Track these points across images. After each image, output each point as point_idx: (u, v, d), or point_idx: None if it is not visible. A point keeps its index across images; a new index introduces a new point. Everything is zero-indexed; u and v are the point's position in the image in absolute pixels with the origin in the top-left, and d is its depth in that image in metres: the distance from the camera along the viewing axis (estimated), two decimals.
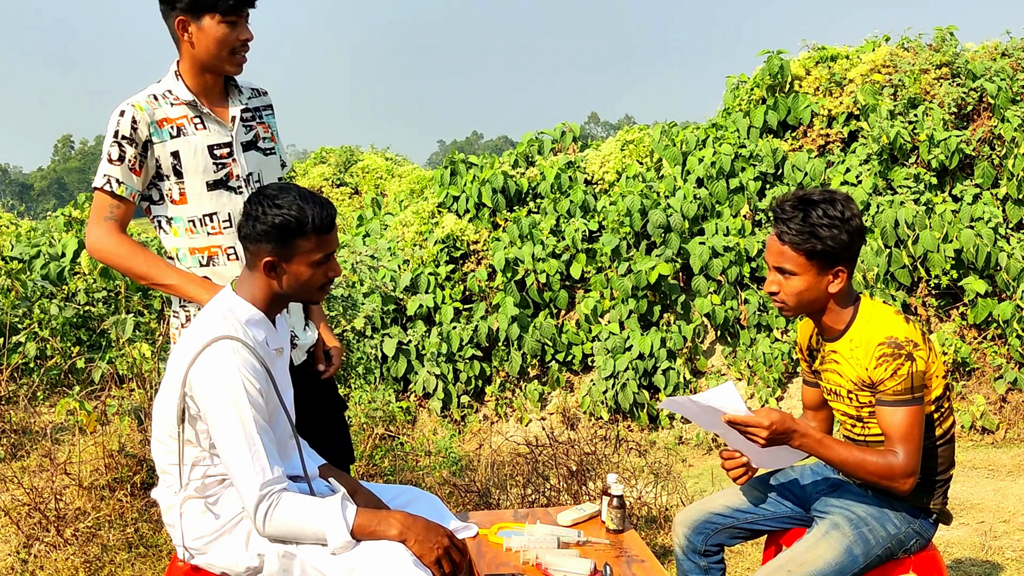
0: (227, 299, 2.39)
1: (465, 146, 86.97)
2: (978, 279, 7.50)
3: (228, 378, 2.23)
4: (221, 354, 2.25)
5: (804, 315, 2.60)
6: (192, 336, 2.32)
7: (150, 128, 2.73)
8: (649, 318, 8.30)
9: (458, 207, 9.31)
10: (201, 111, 2.81)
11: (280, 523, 2.21)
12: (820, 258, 2.47)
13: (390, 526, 2.26)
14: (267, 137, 2.97)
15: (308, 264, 2.36)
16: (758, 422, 2.43)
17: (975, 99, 7.95)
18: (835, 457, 2.45)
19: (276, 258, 2.34)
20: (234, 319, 2.34)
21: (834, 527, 2.52)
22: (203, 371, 2.24)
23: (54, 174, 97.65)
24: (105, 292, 5.19)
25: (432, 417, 8.66)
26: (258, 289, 2.39)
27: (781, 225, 2.50)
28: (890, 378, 2.41)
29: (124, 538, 3.74)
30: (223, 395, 2.23)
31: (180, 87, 2.81)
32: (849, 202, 2.50)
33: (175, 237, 2.83)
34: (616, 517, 2.89)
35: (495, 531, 2.82)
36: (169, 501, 2.38)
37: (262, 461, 2.22)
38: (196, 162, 2.77)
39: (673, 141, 8.89)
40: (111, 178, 2.73)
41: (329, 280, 2.45)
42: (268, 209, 2.32)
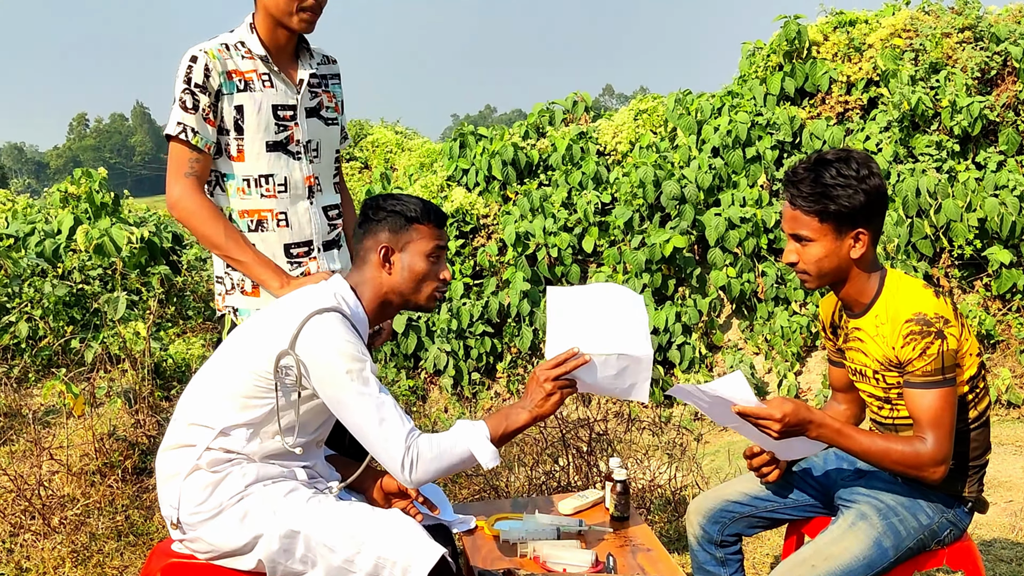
0: (339, 285, 2.36)
1: (478, 120, 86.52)
2: (1003, 249, 7.26)
3: (345, 345, 2.19)
4: (334, 324, 2.20)
5: (827, 287, 2.40)
6: (297, 304, 2.26)
7: (221, 78, 2.64)
8: (664, 292, 8.09)
9: (467, 180, 9.11)
10: (271, 68, 2.71)
11: (427, 469, 2.20)
12: (835, 220, 2.27)
13: (517, 417, 2.30)
14: (331, 107, 2.88)
15: (422, 255, 2.36)
16: (769, 413, 2.23)
17: (999, 63, 7.67)
18: (857, 447, 2.26)
19: (391, 245, 2.34)
20: (343, 301, 2.30)
21: (862, 517, 2.32)
22: (317, 336, 2.18)
23: (70, 152, 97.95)
24: (100, 269, 5.03)
25: (443, 395, 8.50)
26: (368, 286, 2.37)
27: (792, 188, 2.32)
28: (919, 358, 2.21)
29: (114, 526, 3.59)
30: (343, 360, 2.18)
31: (254, 40, 2.71)
32: (867, 161, 2.30)
33: (227, 197, 2.74)
34: (620, 504, 2.71)
35: (492, 522, 2.65)
36: (176, 468, 2.26)
37: (395, 419, 2.20)
38: (259, 120, 2.69)
39: (688, 110, 8.64)
40: (187, 127, 2.63)
41: (442, 285, 2.42)
42: (387, 202, 2.38)
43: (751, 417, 2.26)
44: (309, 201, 2.80)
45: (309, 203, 2.80)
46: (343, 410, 2.19)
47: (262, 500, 2.22)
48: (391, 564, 2.09)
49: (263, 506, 2.21)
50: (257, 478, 2.25)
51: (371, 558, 2.11)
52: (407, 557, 2.09)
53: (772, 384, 7.87)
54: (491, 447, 2.23)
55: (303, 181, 2.78)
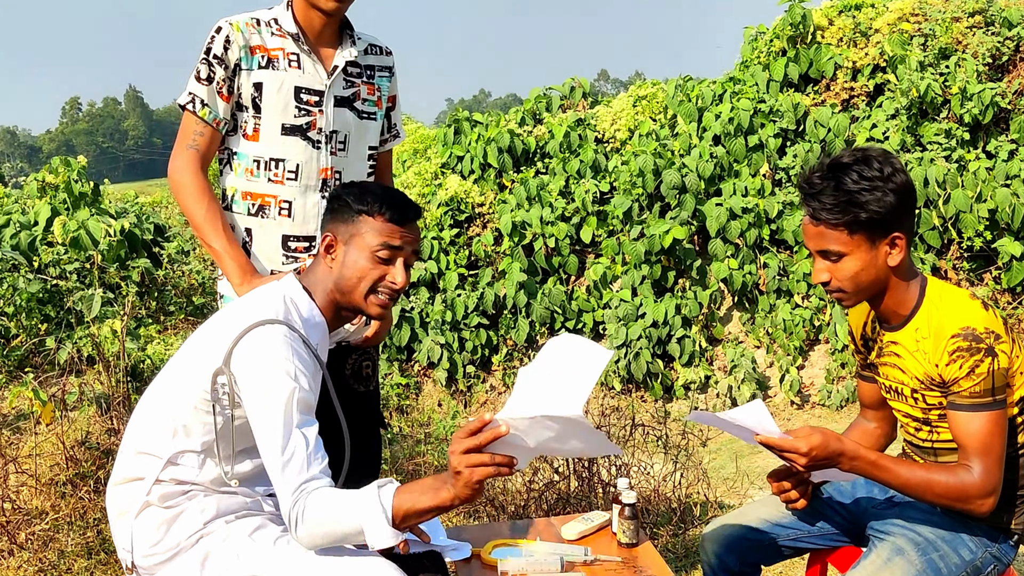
0: (291, 287, 2.11)
1: (473, 104, 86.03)
2: (1013, 241, 7.06)
3: (279, 364, 1.92)
4: (273, 338, 1.94)
5: (865, 300, 2.18)
6: (240, 312, 2.01)
7: (241, 52, 2.52)
8: (663, 284, 7.87)
9: (462, 168, 8.87)
10: (302, 48, 2.57)
11: (311, 532, 1.87)
12: (867, 228, 2.04)
13: (436, 493, 1.84)
14: (371, 100, 2.70)
15: (367, 251, 2.09)
16: (795, 446, 2.01)
17: (1011, 49, 7.44)
18: (895, 480, 2.04)
19: (335, 235, 2.12)
20: (295, 310, 2.05)
21: (898, 552, 2.11)
22: (252, 351, 1.93)
23: (62, 136, 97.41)
24: (77, 263, 4.79)
25: (437, 388, 8.30)
26: (318, 283, 2.14)
27: (813, 202, 2.07)
28: (966, 377, 1.99)
29: (84, 542, 3.36)
30: (271, 380, 1.90)
31: (287, 18, 2.58)
32: (887, 157, 2.07)
33: (234, 176, 2.61)
34: (629, 529, 2.50)
35: (489, 550, 2.44)
36: (125, 505, 2.03)
37: (298, 462, 1.88)
38: (277, 100, 2.55)
39: (688, 96, 8.41)
40: (196, 97, 2.52)
41: (387, 291, 2.12)
42: (348, 188, 2.19)
43: (775, 449, 2.04)
44: (321, 195, 2.62)
45: (321, 196, 2.62)
46: (257, 433, 1.92)
47: (224, 540, 1.99)
48: None
49: (225, 547, 1.98)
50: (217, 513, 2.01)
51: None
52: None
53: (774, 378, 7.67)
54: (386, 528, 1.84)
55: (318, 172, 2.61)
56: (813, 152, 7.66)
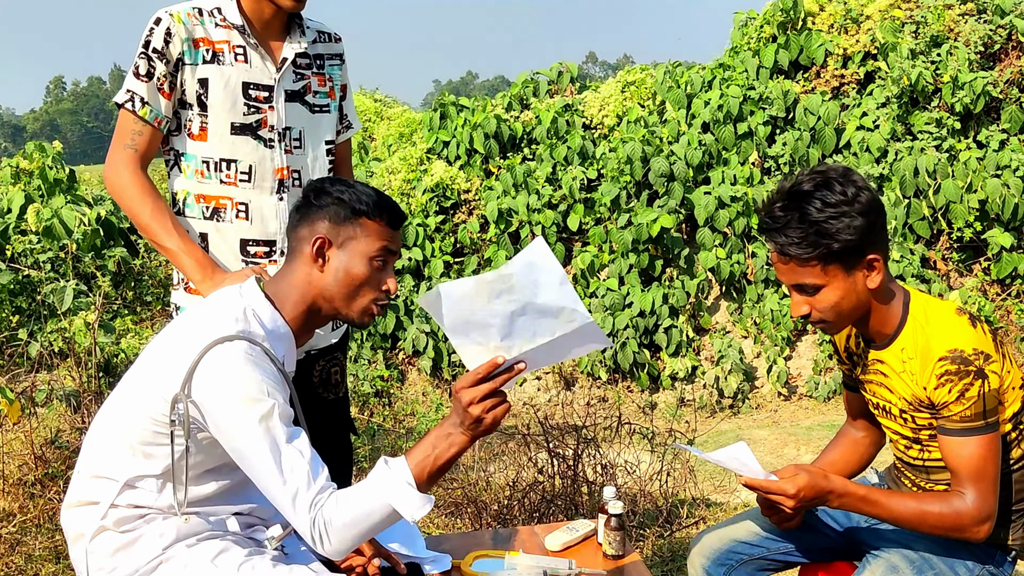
0: (251, 295, 1.95)
1: (460, 86, 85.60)
2: (1003, 232, 7.01)
3: (246, 387, 1.78)
4: (235, 358, 1.80)
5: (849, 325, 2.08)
6: (195, 327, 1.86)
7: (184, 45, 2.32)
8: (650, 273, 7.79)
9: (448, 153, 8.76)
10: (248, 41, 2.37)
11: (343, 537, 1.79)
12: (840, 257, 1.92)
13: (449, 446, 1.81)
14: (323, 92, 2.52)
15: (364, 256, 1.95)
16: (782, 488, 1.93)
17: (1003, 37, 7.36)
18: (887, 515, 1.96)
19: (328, 237, 1.94)
20: (255, 321, 1.90)
21: (892, 571, 2.03)
22: (215, 375, 1.79)
23: (47, 116, 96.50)
24: (51, 253, 4.67)
25: (421, 376, 8.21)
26: (293, 288, 1.96)
27: (779, 236, 1.94)
28: (956, 402, 1.90)
29: (52, 546, 3.26)
30: (242, 405, 1.78)
31: (232, 8, 2.38)
32: (848, 175, 1.93)
33: (184, 178, 2.42)
34: (615, 540, 2.41)
35: (470, 562, 2.35)
36: (80, 529, 1.91)
37: (299, 477, 1.78)
38: (224, 97, 2.36)
39: (677, 82, 8.31)
40: (135, 95, 2.32)
41: (382, 297, 1.99)
42: (334, 187, 1.99)
43: (761, 491, 1.96)
44: (279, 196, 2.45)
45: (279, 198, 2.45)
46: (245, 463, 1.81)
47: (184, 566, 1.86)
48: None
49: (186, 574, 1.87)
50: (177, 537, 1.89)
51: None
52: None
53: (761, 369, 7.61)
54: (416, 495, 1.80)
55: (273, 173, 2.43)
56: (803, 140, 7.58)
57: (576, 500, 3.71)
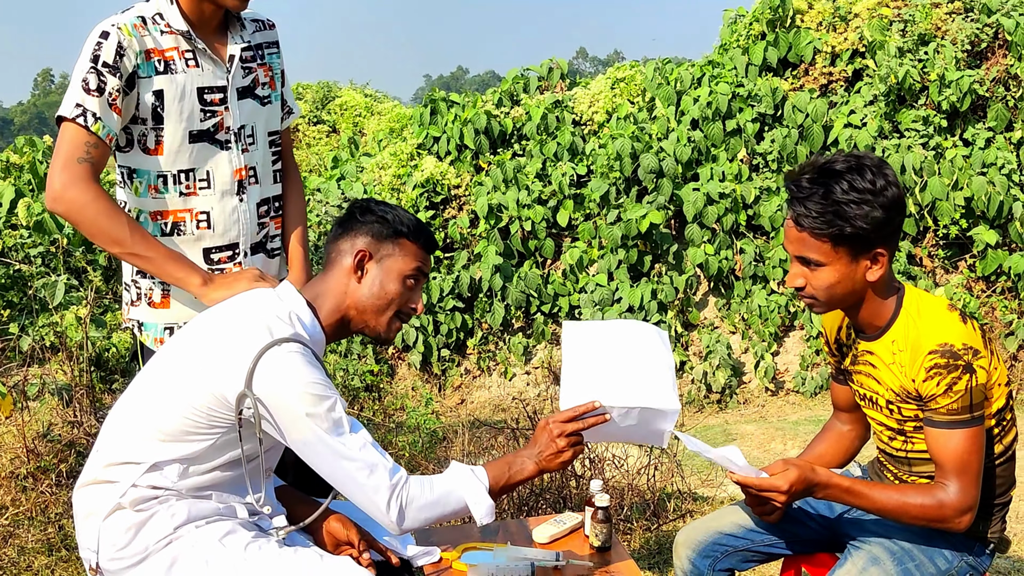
0: (292, 299, 2.05)
1: (451, 81, 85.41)
2: (989, 229, 7.07)
3: (310, 386, 1.91)
4: (294, 360, 1.91)
5: (838, 309, 2.13)
6: (245, 328, 1.95)
7: (138, 59, 2.27)
8: (639, 268, 7.83)
9: (438, 149, 8.77)
10: (195, 46, 2.34)
11: (418, 517, 1.99)
12: (850, 243, 1.98)
13: (522, 467, 2.08)
14: (266, 82, 2.50)
15: (399, 274, 2.09)
16: (774, 485, 2.00)
17: (990, 35, 7.42)
18: (870, 506, 2.02)
19: (370, 251, 2.08)
20: (297, 321, 2.01)
21: (873, 562, 2.08)
22: (276, 377, 1.89)
23: (34, 109, 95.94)
24: (42, 247, 4.68)
25: (411, 371, 8.24)
26: (329, 296, 2.08)
27: (798, 206, 2.00)
28: (943, 395, 1.95)
29: (45, 538, 3.28)
30: (308, 404, 1.90)
31: (174, 13, 2.33)
32: (882, 167, 1.99)
33: (136, 196, 2.37)
34: (602, 532, 2.46)
35: (458, 554, 2.39)
36: (93, 507, 1.97)
37: (376, 461, 1.95)
38: (181, 106, 2.32)
39: (667, 79, 8.34)
40: (87, 111, 2.23)
41: (408, 315, 2.13)
42: (379, 207, 2.15)
43: (753, 489, 2.01)
44: (239, 198, 2.44)
45: (239, 200, 2.44)
46: (314, 456, 1.93)
47: (193, 545, 1.94)
48: None
49: (194, 552, 1.93)
50: (188, 518, 1.96)
51: None
52: None
53: (749, 364, 7.66)
54: (488, 501, 2.02)
55: (232, 175, 2.42)
56: (791, 137, 7.63)
57: (564, 494, 3.75)
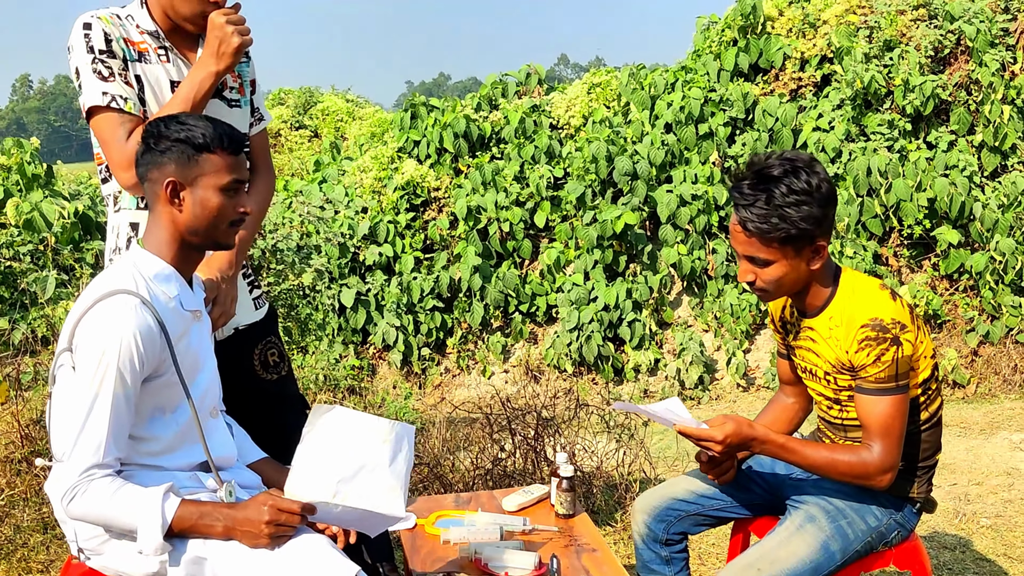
0: (134, 253, 2.10)
1: (433, 88, 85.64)
2: (951, 229, 7.30)
3: (107, 337, 1.93)
4: (111, 310, 1.95)
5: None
6: (89, 290, 2.03)
7: (120, 44, 2.39)
8: (615, 268, 8.04)
9: (419, 152, 8.95)
10: (164, 43, 2.47)
11: (87, 512, 1.93)
12: (795, 241, 2.17)
13: (214, 522, 1.96)
14: (234, 87, 2.62)
15: (216, 188, 2.07)
16: (711, 435, 2.18)
17: (952, 42, 7.67)
18: (802, 461, 2.21)
19: (178, 179, 2.05)
20: (138, 274, 2.04)
21: (809, 520, 2.27)
22: (87, 328, 1.95)
23: (13, 114, 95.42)
24: (31, 245, 4.83)
25: (392, 370, 8.39)
26: (163, 231, 2.09)
27: (743, 212, 2.17)
28: (872, 364, 2.15)
29: (39, 518, 3.44)
30: (91, 353, 1.93)
31: (143, 16, 2.47)
32: (813, 165, 2.18)
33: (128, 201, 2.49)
34: (566, 501, 2.64)
35: (433, 520, 2.56)
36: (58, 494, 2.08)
37: (96, 439, 1.92)
38: (155, 93, 2.44)
39: (641, 84, 8.55)
40: (114, 95, 2.35)
41: (240, 217, 2.13)
42: (170, 128, 2.07)
43: (692, 438, 2.20)
44: None
45: None
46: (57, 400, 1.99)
47: None
48: None
49: None
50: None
51: None
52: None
53: (721, 362, 7.86)
54: (158, 540, 1.91)
55: None
56: (761, 141, 7.84)
57: (535, 477, 3.92)
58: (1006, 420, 5.97)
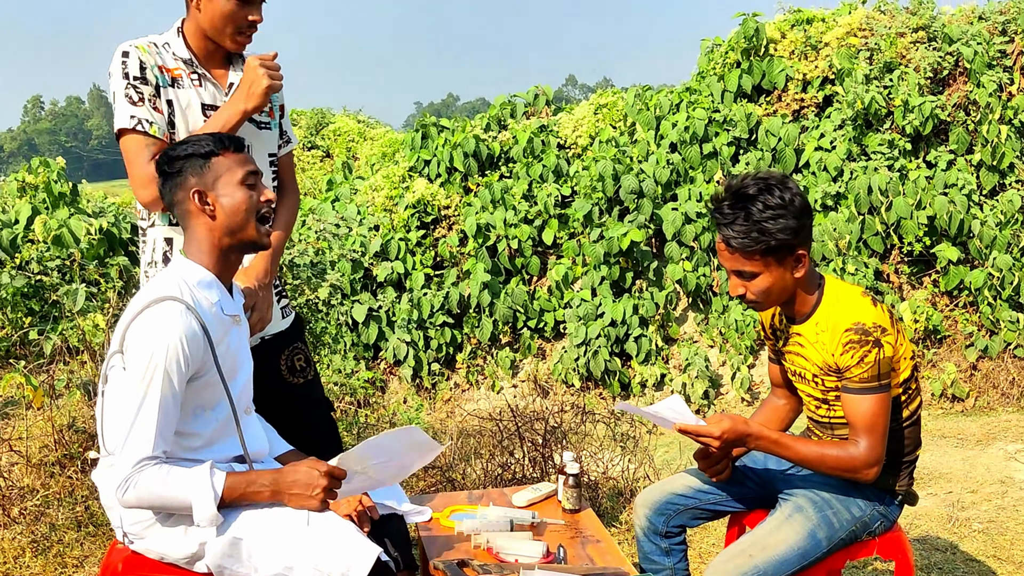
0: (178, 263, 2.29)
1: (441, 108, 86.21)
2: (951, 246, 7.46)
3: (156, 340, 2.10)
4: (159, 315, 2.13)
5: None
6: (138, 297, 2.22)
7: (154, 71, 2.60)
8: (621, 285, 8.22)
9: (429, 171, 9.17)
10: (198, 70, 2.68)
11: (142, 493, 2.09)
12: (776, 252, 2.35)
13: (261, 488, 2.17)
14: (264, 111, 2.83)
15: (236, 184, 2.27)
16: (708, 431, 2.37)
17: (951, 63, 7.85)
18: (793, 455, 2.39)
19: (200, 187, 2.25)
20: (182, 282, 2.23)
21: (798, 510, 2.45)
22: (137, 332, 2.13)
23: (24, 135, 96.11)
24: (59, 260, 5.04)
25: (403, 385, 8.57)
26: (202, 241, 2.28)
27: (725, 230, 2.37)
28: (856, 365, 2.33)
29: (73, 516, 3.63)
30: (141, 356, 2.11)
31: (180, 44, 2.68)
32: (785, 182, 2.38)
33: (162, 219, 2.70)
34: (572, 496, 2.81)
35: (448, 514, 2.74)
36: (108, 483, 2.27)
37: (147, 434, 2.10)
38: (187, 117, 2.65)
39: (647, 105, 8.75)
40: (140, 119, 2.57)
41: (267, 204, 2.32)
42: (176, 149, 2.28)
43: (691, 434, 2.38)
44: None
45: None
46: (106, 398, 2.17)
47: None
48: (328, 573, 2.11)
49: None
50: None
51: (308, 569, 2.13)
52: (344, 564, 2.11)
53: (726, 376, 8.02)
54: (212, 510, 2.10)
55: None
56: (764, 160, 8.03)
57: (542, 472, 4.09)
58: (1002, 431, 6.12)
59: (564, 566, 2.44)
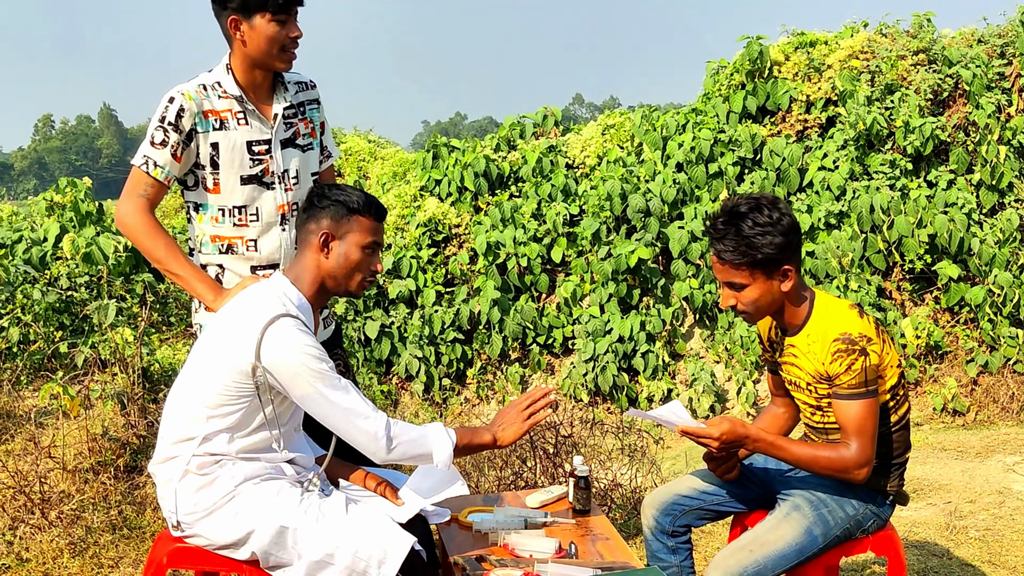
0: (280, 283, 2.54)
1: (449, 127, 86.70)
2: (951, 264, 7.61)
3: (304, 348, 2.38)
4: (288, 330, 2.39)
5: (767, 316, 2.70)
6: (247, 312, 2.44)
7: (195, 119, 2.84)
8: (629, 301, 8.39)
9: (440, 191, 9.37)
10: (246, 107, 2.91)
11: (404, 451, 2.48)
12: (763, 266, 2.55)
13: (484, 433, 2.64)
14: (307, 133, 3.06)
15: (359, 245, 2.54)
16: (708, 433, 2.56)
17: (951, 85, 8.03)
18: (788, 457, 2.57)
19: (331, 232, 2.51)
20: (286, 299, 2.48)
21: (795, 509, 2.62)
22: (276, 347, 2.37)
23: (35, 154, 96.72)
24: (87, 277, 5.24)
25: (414, 400, 8.74)
26: (306, 272, 2.54)
27: (717, 245, 2.58)
28: (844, 372, 2.51)
29: (108, 520, 3.81)
30: (305, 363, 2.38)
31: (229, 81, 2.91)
32: (776, 203, 2.58)
33: (200, 223, 2.96)
34: (582, 498, 2.98)
35: (465, 515, 2.91)
36: (169, 475, 2.48)
37: (363, 404, 2.44)
38: (233, 157, 2.89)
39: (653, 126, 8.95)
40: (150, 160, 2.84)
41: (372, 275, 2.60)
42: (333, 191, 2.56)
43: (692, 436, 2.56)
44: (282, 228, 2.99)
45: (281, 229, 2.99)
46: (314, 406, 2.42)
47: (252, 498, 2.45)
48: (367, 558, 2.38)
49: (253, 504, 2.44)
50: (245, 477, 2.47)
51: (348, 554, 2.38)
52: (381, 550, 2.38)
53: (732, 392, 8.18)
54: (449, 451, 2.53)
55: (276, 209, 2.98)
56: (769, 179, 8.21)
57: (554, 475, 4.25)
58: (1001, 444, 6.27)
59: (575, 560, 2.61)
